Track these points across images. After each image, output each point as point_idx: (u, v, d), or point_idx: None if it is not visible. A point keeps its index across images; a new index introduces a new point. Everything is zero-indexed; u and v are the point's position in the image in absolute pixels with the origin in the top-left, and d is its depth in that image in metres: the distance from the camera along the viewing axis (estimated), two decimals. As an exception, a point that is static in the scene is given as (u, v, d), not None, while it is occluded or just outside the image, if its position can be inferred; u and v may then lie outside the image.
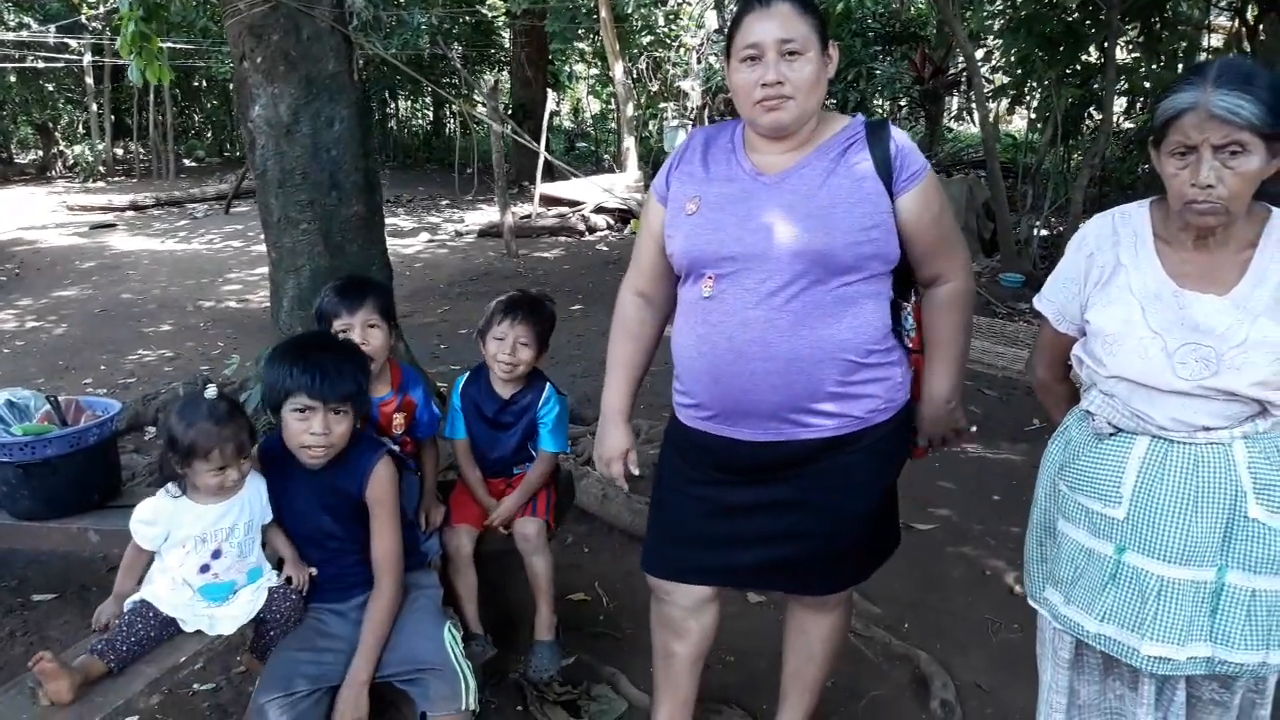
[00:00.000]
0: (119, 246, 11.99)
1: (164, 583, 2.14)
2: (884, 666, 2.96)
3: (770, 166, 1.98)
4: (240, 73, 3.99)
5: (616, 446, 2.24)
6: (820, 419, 1.96)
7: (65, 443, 2.80)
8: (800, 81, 1.89)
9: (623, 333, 2.25)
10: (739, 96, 1.95)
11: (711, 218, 1.97)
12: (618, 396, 2.25)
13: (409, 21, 15.03)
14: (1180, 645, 1.73)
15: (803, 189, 1.93)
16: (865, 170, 1.93)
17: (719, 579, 2.22)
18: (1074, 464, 1.89)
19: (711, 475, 2.10)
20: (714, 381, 1.98)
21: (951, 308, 2.08)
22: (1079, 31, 8.95)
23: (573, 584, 3.39)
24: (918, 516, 4.03)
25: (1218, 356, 1.68)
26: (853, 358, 1.94)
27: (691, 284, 2.03)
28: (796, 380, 1.92)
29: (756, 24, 1.89)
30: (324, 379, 2.13)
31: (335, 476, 2.24)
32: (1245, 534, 1.72)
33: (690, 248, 1.99)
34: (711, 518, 2.12)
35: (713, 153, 2.06)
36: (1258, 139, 1.58)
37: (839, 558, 2.15)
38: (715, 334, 1.95)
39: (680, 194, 2.05)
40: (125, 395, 5.77)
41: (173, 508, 2.14)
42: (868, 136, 1.97)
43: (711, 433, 2.05)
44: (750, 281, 1.92)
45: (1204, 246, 1.74)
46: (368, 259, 4.28)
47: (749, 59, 1.90)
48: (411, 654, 2.20)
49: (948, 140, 17.56)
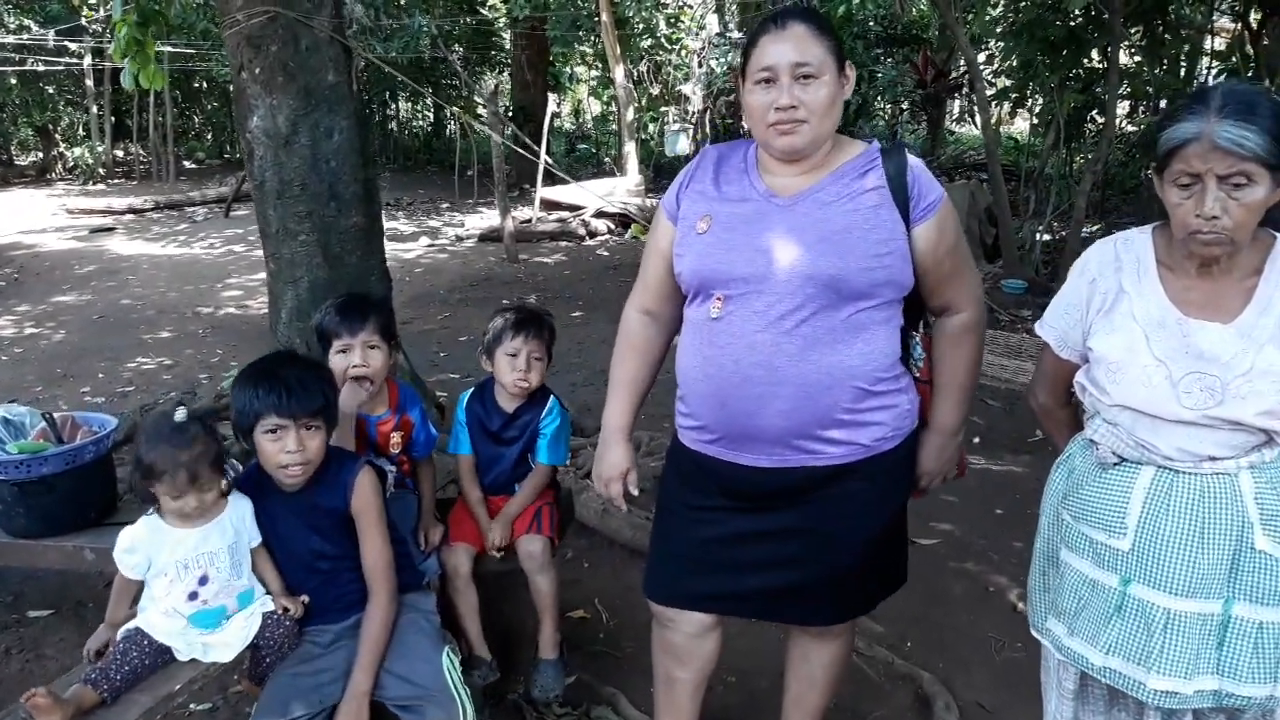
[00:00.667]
0: (118, 251, 11.98)
1: (155, 611, 2.13)
2: (886, 687, 2.94)
3: (784, 189, 1.96)
4: (239, 83, 3.97)
5: (617, 466, 2.21)
6: (827, 446, 1.94)
7: (61, 460, 2.77)
8: (815, 105, 1.87)
9: (628, 350, 2.21)
10: (753, 118, 1.93)
11: (723, 238, 1.94)
12: (620, 415, 2.21)
13: (410, 25, 15.02)
14: (1187, 678, 1.71)
15: (816, 213, 1.91)
16: (882, 197, 1.92)
17: (723, 606, 2.19)
18: (1078, 493, 1.87)
19: (716, 500, 2.07)
20: (720, 405, 1.96)
21: (963, 339, 2.06)
22: (1081, 36, 8.92)
23: (572, 600, 3.37)
24: (920, 531, 4.01)
25: (1223, 386, 1.66)
26: (862, 385, 1.91)
27: (700, 304, 2.00)
28: (804, 406, 1.90)
29: (771, 46, 1.87)
30: (290, 395, 2.10)
31: (317, 495, 2.22)
32: (1252, 566, 1.70)
33: (700, 267, 1.96)
34: (715, 544, 2.09)
35: (725, 172, 2.04)
36: (1263, 169, 1.56)
37: (843, 586, 2.12)
38: (722, 356, 1.93)
39: (691, 213, 2.02)
40: (123, 404, 5.76)
41: (151, 535, 2.12)
42: (884, 163, 1.95)
43: (716, 456, 2.03)
44: (759, 304, 1.89)
45: (1208, 274, 1.72)
46: (367, 270, 4.26)
47: (764, 81, 1.88)
48: (409, 676, 2.18)
49: (949, 143, 17.56)
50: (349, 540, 2.25)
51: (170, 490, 2.05)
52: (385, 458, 2.67)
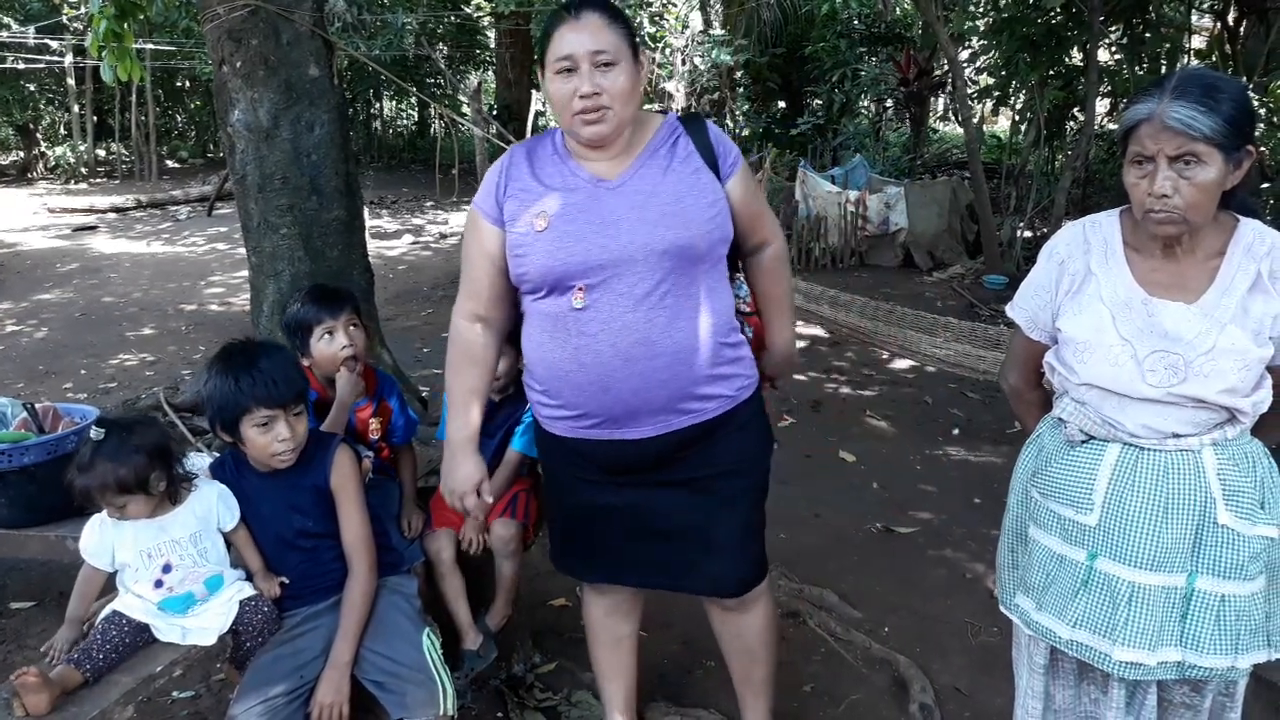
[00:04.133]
0: (101, 249, 11.93)
1: (129, 596, 2.17)
2: (863, 670, 2.97)
3: (606, 172, 2.01)
4: (220, 77, 3.98)
5: (470, 478, 2.15)
6: (703, 403, 2.05)
7: (43, 450, 2.78)
8: (616, 91, 1.92)
9: (466, 360, 2.16)
10: (557, 108, 1.96)
11: (568, 230, 1.96)
12: (466, 426, 2.16)
13: (393, 22, 14.99)
14: (1151, 650, 1.75)
15: (646, 189, 1.98)
16: (697, 162, 2.04)
17: (642, 573, 2.28)
18: (1046, 471, 1.91)
19: (601, 478, 2.15)
20: (603, 390, 1.99)
21: (779, 266, 2.26)
22: (1061, 33, 9.00)
23: (553, 589, 3.39)
24: (898, 520, 4.05)
25: (1186, 364, 1.69)
26: (720, 339, 2.04)
27: (554, 298, 2.00)
28: (682, 371, 1.99)
29: (569, 35, 1.91)
30: (275, 385, 2.12)
31: (298, 473, 2.24)
32: (1215, 540, 1.74)
33: (552, 263, 1.96)
34: (615, 519, 2.18)
35: (539, 165, 2.06)
36: (1214, 149, 1.60)
37: (733, 545, 2.21)
38: (596, 343, 1.96)
39: (521, 211, 2.01)
40: (106, 400, 5.75)
41: (112, 527, 2.16)
42: (688, 130, 2.07)
43: (597, 439, 2.08)
44: (623, 286, 1.94)
45: (1172, 255, 1.76)
46: (348, 263, 4.27)
47: (564, 70, 1.92)
48: (390, 654, 2.20)
49: (933, 141, 17.62)
50: (330, 519, 2.28)
51: (110, 504, 2.11)
52: (364, 444, 2.69)
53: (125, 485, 2.08)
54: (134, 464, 2.08)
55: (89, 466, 2.08)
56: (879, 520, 4.06)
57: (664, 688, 2.86)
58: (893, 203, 9.90)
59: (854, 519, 4.08)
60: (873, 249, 10.11)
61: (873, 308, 5.93)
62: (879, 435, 5.18)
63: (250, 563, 2.27)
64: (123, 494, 2.09)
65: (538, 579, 3.37)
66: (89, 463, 2.08)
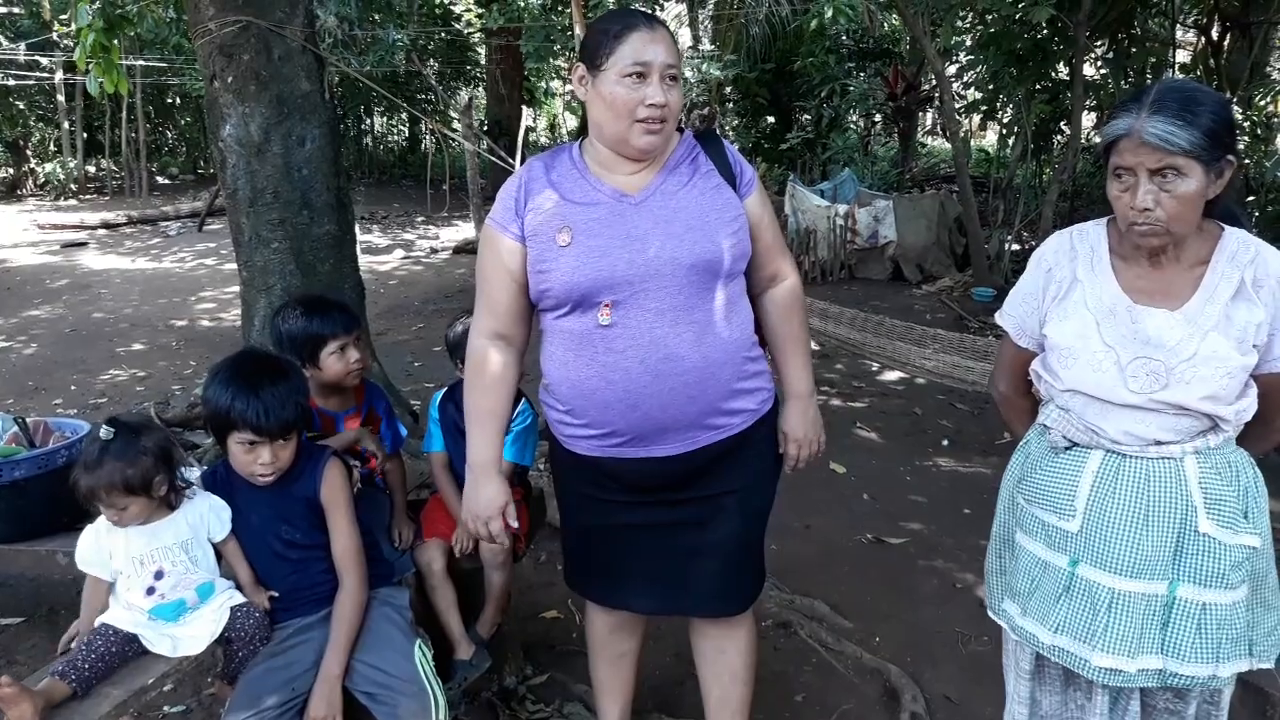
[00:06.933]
0: (91, 265, 11.91)
1: (118, 607, 2.16)
2: (855, 680, 2.98)
3: (629, 186, 2.00)
4: (211, 92, 3.99)
5: (494, 502, 2.09)
6: (729, 418, 2.04)
7: (34, 464, 2.78)
8: (676, 107, 1.95)
9: (488, 380, 2.08)
10: (615, 110, 1.92)
11: (593, 245, 1.92)
12: (489, 448, 2.10)
13: (384, 38, 15.02)
14: (1131, 657, 1.76)
15: (670, 204, 1.97)
16: (717, 179, 2.04)
17: (658, 597, 2.23)
18: (1031, 477, 1.93)
19: (625, 497, 2.12)
20: (631, 407, 1.96)
21: (796, 303, 2.21)
22: (1047, 48, 9.08)
23: (545, 602, 3.40)
24: (889, 530, 4.07)
25: (1168, 370, 1.71)
26: (744, 354, 2.04)
27: (579, 315, 1.97)
28: (710, 387, 1.98)
29: (648, 44, 1.90)
30: (267, 415, 2.12)
31: (288, 484, 2.25)
32: (1196, 548, 1.76)
33: (579, 279, 1.92)
34: (635, 539, 2.17)
35: (558, 180, 2.02)
36: (1194, 162, 1.62)
37: (740, 564, 2.21)
38: (624, 360, 1.94)
39: (544, 228, 1.97)
40: (96, 416, 5.73)
41: (106, 533, 2.16)
42: (704, 147, 2.08)
43: (623, 457, 2.04)
44: (650, 302, 1.92)
45: (1158, 263, 1.78)
46: (339, 277, 4.28)
47: (636, 75, 1.89)
48: (381, 666, 2.20)
49: (921, 155, 17.72)
50: (319, 531, 2.28)
51: (112, 506, 2.09)
52: (352, 455, 2.69)
53: (131, 486, 2.07)
54: (141, 465, 2.08)
55: (96, 465, 2.06)
56: (870, 531, 4.07)
57: (655, 699, 2.86)
58: (881, 216, 9.96)
59: (845, 530, 4.09)
60: (862, 262, 10.17)
61: (862, 320, 5.97)
62: (869, 447, 5.19)
63: (240, 575, 2.27)
64: (127, 494, 2.08)
65: (529, 591, 3.38)
66: (97, 461, 2.07)
